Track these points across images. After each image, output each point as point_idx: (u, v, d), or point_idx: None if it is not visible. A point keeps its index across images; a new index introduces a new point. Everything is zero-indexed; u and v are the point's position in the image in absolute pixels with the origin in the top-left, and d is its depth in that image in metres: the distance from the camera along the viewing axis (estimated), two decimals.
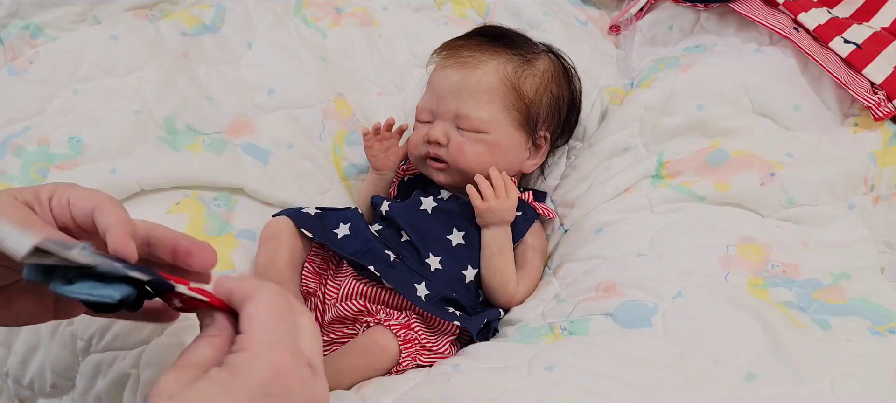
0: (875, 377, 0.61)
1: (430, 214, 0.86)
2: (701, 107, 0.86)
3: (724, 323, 0.66)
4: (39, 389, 0.74)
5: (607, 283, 0.75)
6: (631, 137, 0.89)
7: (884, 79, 0.89)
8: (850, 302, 0.69)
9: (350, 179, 0.98)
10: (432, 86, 0.90)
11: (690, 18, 1.03)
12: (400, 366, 0.74)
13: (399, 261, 0.81)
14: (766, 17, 0.93)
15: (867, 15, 1.00)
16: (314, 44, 1.03)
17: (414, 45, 1.07)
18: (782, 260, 0.74)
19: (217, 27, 1.01)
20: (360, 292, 0.80)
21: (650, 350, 0.65)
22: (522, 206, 0.86)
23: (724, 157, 0.83)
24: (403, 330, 0.75)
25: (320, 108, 0.97)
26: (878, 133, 0.89)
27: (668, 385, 0.61)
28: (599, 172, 0.88)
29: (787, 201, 0.81)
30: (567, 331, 0.71)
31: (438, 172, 0.87)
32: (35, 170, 0.83)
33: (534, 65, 0.89)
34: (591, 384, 0.61)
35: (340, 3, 1.11)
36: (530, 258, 0.86)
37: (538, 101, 0.88)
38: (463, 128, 0.86)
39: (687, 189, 0.82)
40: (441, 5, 1.16)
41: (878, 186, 0.86)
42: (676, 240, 0.77)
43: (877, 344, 0.64)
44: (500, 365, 0.67)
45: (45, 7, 0.91)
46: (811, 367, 0.61)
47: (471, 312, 0.81)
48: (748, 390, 0.60)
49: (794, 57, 0.90)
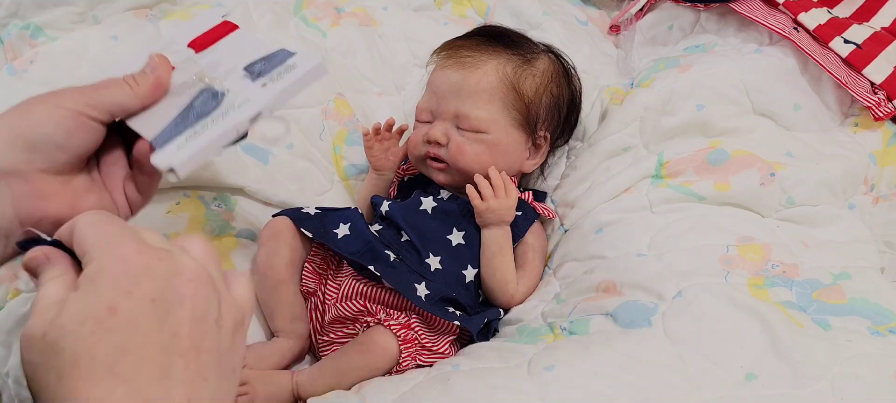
0: (875, 377, 0.61)
1: (430, 214, 0.86)
2: (701, 107, 0.86)
3: (724, 323, 0.66)
4: None
5: (607, 283, 0.75)
6: (631, 137, 0.89)
7: (884, 79, 0.89)
8: (850, 302, 0.69)
9: (350, 179, 0.98)
10: (432, 86, 0.90)
11: (690, 18, 1.03)
12: (400, 366, 0.74)
13: (399, 261, 0.81)
14: (766, 17, 0.93)
15: (867, 15, 1.00)
16: (314, 44, 1.03)
17: (414, 45, 1.07)
18: (782, 260, 0.74)
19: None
20: (360, 292, 0.80)
21: (650, 350, 0.65)
22: (522, 206, 0.86)
23: (724, 157, 0.83)
24: (403, 330, 0.75)
25: (320, 108, 0.97)
26: (878, 133, 0.89)
27: (668, 385, 0.61)
28: (599, 172, 0.88)
29: (787, 201, 0.81)
30: (567, 331, 0.71)
31: (438, 172, 0.87)
32: None
33: (534, 65, 0.89)
34: (591, 384, 0.61)
35: (340, 3, 1.11)
36: (530, 258, 0.86)
37: (538, 101, 0.88)
38: (463, 128, 0.86)
39: (687, 189, 0.82)
40: (441, 5, 1.16)
41: (878, 186, 0.86)
42: (676, 240, 0.77)
43: (877, 344, 0.64)
44: (500, 365, 0.67)
45: (45, 7, 0.91)
46: (811, 367, 0.61)
47: (471, 312, 0.81)
48: (748, 390, 0.60)
49: (794, 57, 0.90)
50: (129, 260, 0.39)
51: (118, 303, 0.37)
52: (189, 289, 0.39)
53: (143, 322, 0.37)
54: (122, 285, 0.38)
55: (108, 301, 0.37)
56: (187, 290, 0.39)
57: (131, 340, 0.37)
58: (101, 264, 0.39)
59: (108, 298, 0.37)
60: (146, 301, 0.38)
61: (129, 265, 0.39)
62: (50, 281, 0.41)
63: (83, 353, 0.36)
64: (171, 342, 0.38)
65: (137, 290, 0.38)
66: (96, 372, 0.36)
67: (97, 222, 0.42)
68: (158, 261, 0.39)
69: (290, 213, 0.83)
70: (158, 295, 0.38)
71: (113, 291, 0.38)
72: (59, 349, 0.36)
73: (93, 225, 0.41)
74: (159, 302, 0.38)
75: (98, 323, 0.37)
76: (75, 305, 0.38)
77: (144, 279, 0.38)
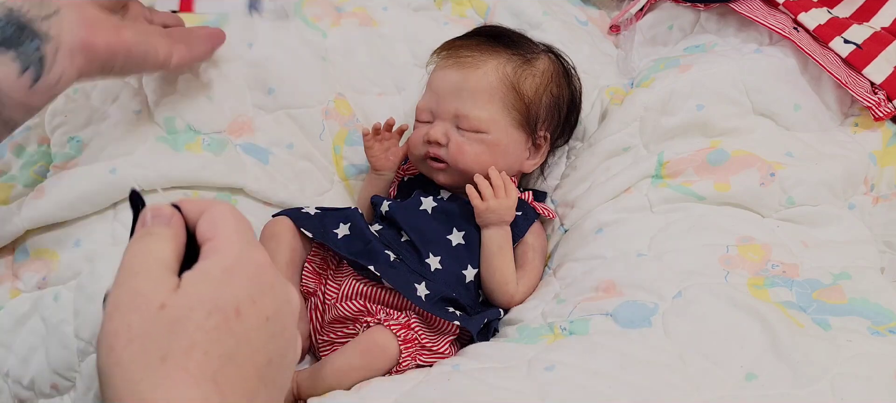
0: (875, 377, 0.61)
1: (430, 214, 0.86)
2: (701, 107, 0.86)
3: (724, 323, 0.66)
4: (39, 389, 0.74)
5: (607, 283, 0.75)
6: (631, 137, 0.89)
7: (884, 79, 0.89)
8: (850, 302, 0.69)
9: (350, 179, 0.98)
10: (432, 87, 0.90)
11: (690, 18, 1.03)
12: (400, 366, 0.74)
13: (399, 261, 0.81)
14: (766, 17, 0.93)
15: (867, 15, 1.00)
16: (314, 43, 1.03)
17: (414, 46, 1.07)
18: (782, 260, 0.74)
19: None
20: (360, 292, 0.80)
21: (650, 350, 0.65)
22: (522, 206, 0.86)
23: (724, 157, 0.83)
24: (403, 330, 0.75)
25: (320, 108, 0.97)
26: (878, 133, 0.89)
27: (668, 385, 0.61)
28: (599, 172, 0.88)
29: (787, 201, 0.81)
30: (567, 331, 0.71)
31: (438, 172, 0.87)
32: (35, 170, 0.83)
33: (534, 65, 0.89)
34: (591, 384, 0.61)
35: (340, 3, 1.11)
36: (530, 258, 0.86)
37: (538, 101, 0.88)
38: (463, 128, 0.86)
39: (687, 189, 0.82)
40: (441, 5, 1.16)
41: (879, 186, 0.86)
42: (676, 240, 0.77)
43: (877, 344, 0.64)
44: (500, 365, 0.67)
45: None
46: (811, 367, 0.61)
47: (471, 312, 0.81)
48: (748, 390, 0.60)
49: (794, 57, 0.90)
50: (263, 270, 0.38)
51: (245, 309, 0.36)
52: (290, 322, 0.39)
53: (255, 337, 0.36)
54: (253, 292, 0.36)
55: (239, 301, 0.36)
56: (288, 322, 0.39)
57: (241, 351, 0.35)
58: (239, 261, 0.37)
59: (239, 298, 0.36)
60: (263, 317, 0.37)
61: (263, 275, 0.38)
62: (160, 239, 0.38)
63: (200, 346, 0.34)
64: (265, 367, 0.37)
65: (261, 303, 0.37)
66: (204, 371, 0.34)
67: (237, 217, 0.40)
68: (280, 284, 0.39)
69: (289, 213, 0.83)
70: (273, 316, 0.37)
71: (244, 293, 0.36)
72: (178, 330, 0.34)
73: (233, 217, 0.39)
74: (271, 324, 0.37)
75: (224, 320, 0.35)
76: (206, 290, 0.35)
77: (269, 295, 0.37)
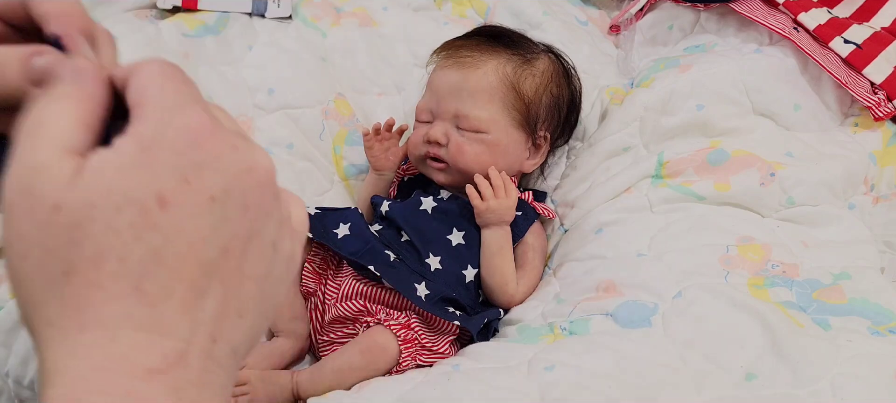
0: (875, 377, 0.61)
1: (430, 214, 0.86)
2: (701, 107, 0.86)
3: (724, 323, 0.66)
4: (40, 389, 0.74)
5: (607, 283, 0.75)
6: (631, 137, 0.89)
7: (884, 79, 0.89)
8: (850, 302, 0.69)
9: (350, 179, 0.98)
10: (432, 87, 0.90)
11: (690, 18, 1.03)
12: (400, 366, 0.74)
13: (399, 261, 0.81)
14: (766, 17, 0.93)
15: (867, 15, 1.00)
16: (314, 44, 1.03)
17: (414, 46, 1.07)
18: (782, 260, 0.74)
19: (219, 31, 1.01)
20: (360, 292, 0.80)
21: (650, 350, 0.65)
22: (522, 206, 0.86)
23: (724, 157, 0.83)
24: (403, 329, 0.75)
25: (320, 108, 0.97)
26: (878, 133, 0.89)
27: (668, 385, 0.61)
28: (599, 172, 0.88)
29: (787, 201, 0.81)
30: (567, 331, 0.71)
31: (438, 172, 0.87)
32: None
33: (533, 65, 0.89)
34: (591, 384, 0.61)
35: (340, 3, 1.11)
36: (530, 258, 0.86)
37: (538, 101, 0.88)
38: (462, 128, 0.86)
39: (687, 189, 0.82)
40: (441, 5, 1.16)
41: (879, 186, 0.86)
42: (676, 240, 0.77)
43: (877, 344, 0.64)
44: (500, 365, 0.67)
45: None
46: (811, 367, 0.61)
47: (471, 312, 0.81)
48: (748, 390, 0.60)
49: (794, 57, 0.90)
50: (198, 138, 0.28)
51: (172, 193, 0.27)
52: (255, 196, 0.30)
53: (193, 225, 0.28)
54: (182, 169, 0.28)
55: (161, 187, 0.27)
56: (253, 197, 0.29)
57: (172, 248, 0.27)
58: (161, 131, 0.28)
59: (162, 183, 0.27)
60: (204, 197, 0.28)
61: (197, 144, 0.28)
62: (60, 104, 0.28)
63: (112, 252, 0.26)
64: (217, 259, 0.28)
65: (198, 181, 0.28)
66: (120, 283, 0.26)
67: (168, 74, 0.30)
68: (231, 150, 0.29)
69: None
70: (220, 194, 0.28)
71: (169, 174, 0.27)
72: (79, 236, 0.26)
73: (162, 75, 0.30)
74: (219, 204, 0.28)
75: (143, 215, 0.27)
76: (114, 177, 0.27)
77: (209, 168, 0.28)
